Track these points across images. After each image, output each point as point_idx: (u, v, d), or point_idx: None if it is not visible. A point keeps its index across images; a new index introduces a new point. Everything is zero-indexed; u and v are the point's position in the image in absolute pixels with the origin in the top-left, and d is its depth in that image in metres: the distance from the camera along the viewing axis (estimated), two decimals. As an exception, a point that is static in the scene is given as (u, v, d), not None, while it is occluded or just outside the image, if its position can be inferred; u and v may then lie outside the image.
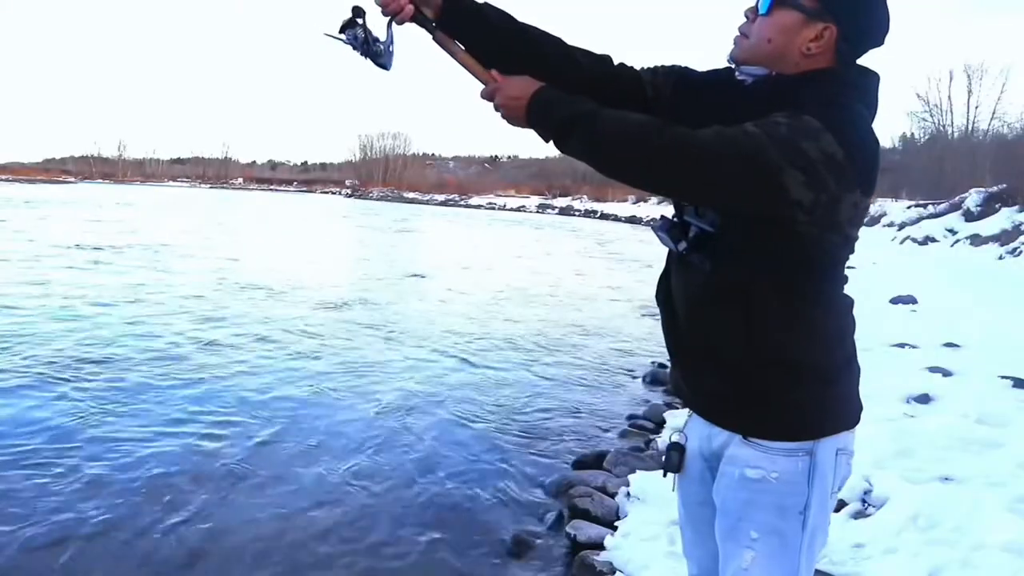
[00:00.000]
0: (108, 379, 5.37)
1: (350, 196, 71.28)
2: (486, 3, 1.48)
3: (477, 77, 1.45)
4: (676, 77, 1.49)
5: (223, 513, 3.44)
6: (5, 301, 7.97)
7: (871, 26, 1.33)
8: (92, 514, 3.35)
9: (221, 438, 4.35)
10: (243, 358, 6.19)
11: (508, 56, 1.46)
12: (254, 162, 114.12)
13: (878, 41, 1.34)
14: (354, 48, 1.42)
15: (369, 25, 1.43)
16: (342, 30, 1.42)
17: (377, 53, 1.44)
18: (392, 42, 1.45)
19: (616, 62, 1.53)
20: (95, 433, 4.31)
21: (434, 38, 1.45)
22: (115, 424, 4.47)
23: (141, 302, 8.49)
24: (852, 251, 1.35)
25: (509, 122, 1.41)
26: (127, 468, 3.85)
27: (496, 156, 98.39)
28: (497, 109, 1.42)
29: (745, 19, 1.37)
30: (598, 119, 1.30)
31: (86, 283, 9.55)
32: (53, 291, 8.80)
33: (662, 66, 1.53)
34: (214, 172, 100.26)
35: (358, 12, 1.41)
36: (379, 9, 1.43)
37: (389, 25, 1.44)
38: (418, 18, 1.43)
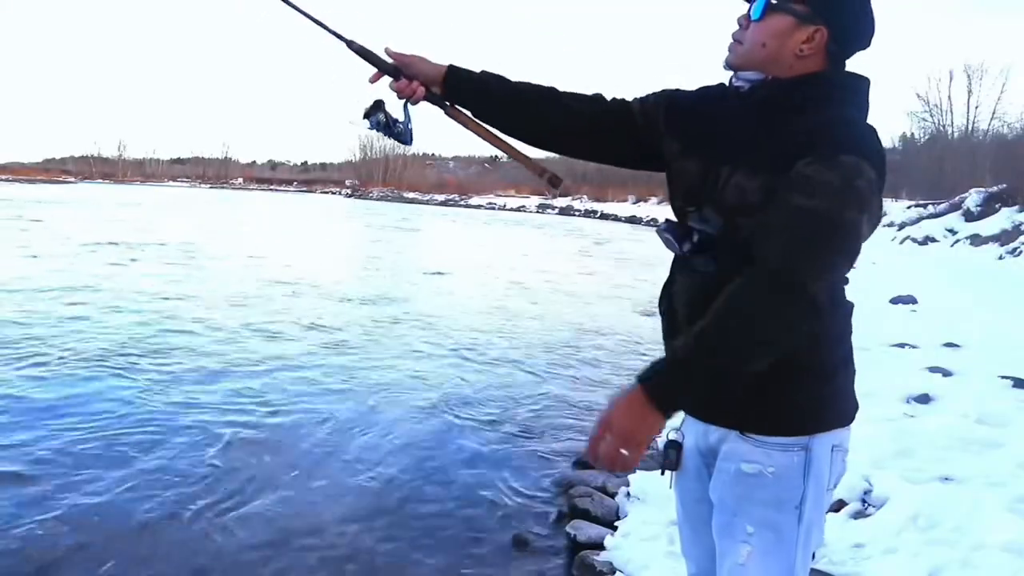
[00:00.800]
0: (146, 372, 5.60)
1: (350, 196, 71.19)
2: (483, 72, 1.59)
3: (487, 141, 1.60)
4: (666, 101, 1.54)
5: (221, 509, 3.45)
6: (56, 298, 8.41)
7: (859, 28, 1.37)
8: (126, 501, 3.44)
9: (219, 438, 4.35)
10: (257, 357, 6.23)
11: (509, 118, 1.60)
12: (254, 162, 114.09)
13: (865, 43, 1.39)
14: (378, 131, 1.59)
15: (388, 108, 1.59)
16: (366, 116, 1.59)
17: (399, 133, 1.60)
18: (410, 120, 1.60)
19: (609, 97, 1.59)
20: (135, 424, 4.50)
21: (446, 112, 1.59)
22: (145, 417, 4.60)
23: (177, 298, 8.91)
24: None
25: (631, 451, 1.26)
26: (150, 460, 3.90)
27: (496, 156, 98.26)
28: (608, 450, 1.27)
29: (738, 26, 1.41)
30: (711, 336, 1.24)
31: (123, 280, 10.09)
32: (96, 287, 9.33)
33: (652, 93, 1.58)
34: (214, 172, 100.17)
35: (378, 104, 1.59)
36: (395, 94, 1.58)
37: (405, 107, 1.59)
38: (429, 97, 1.57)
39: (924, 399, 4.66)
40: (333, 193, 78.33)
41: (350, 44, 1.56)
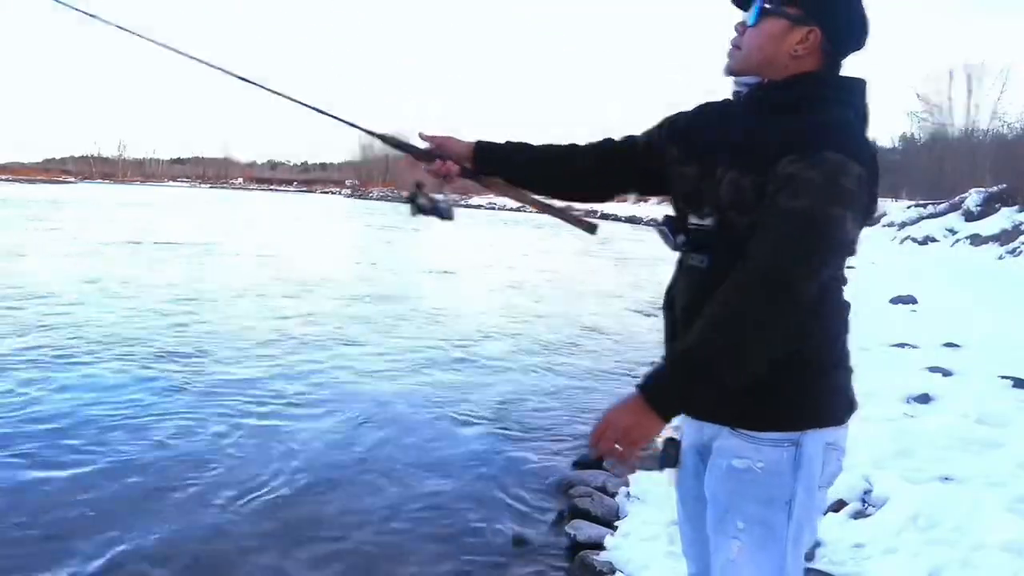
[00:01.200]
0: (168, 374, 5.67)
1: (350, 196, 71.21)
2: (507, 142, 1.71)
3: (523, 202, 1.73)
4: (668, 121, 1.61)
5: (219, 507, 3.46)
6: (78, 297, 8.66)
7: (851, 27, 1.41)
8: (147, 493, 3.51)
9: (225, 434, 4.37)
10: (268, 362, 6.26)
11: (533, 181, 1.71)
12: (254, 162, 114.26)
13: (859, 44, 1.43)
14: (423, 214, 1.69)
15: (425, 190, 1.69)
16: (408, 202, 1.70)
17: (443, 211, 1.70)
18: (449, 198, 1.71)
19: (619, 137, 1.69)
20: (157, 425, 4.55)
21: (481, 183, 1.71)
22: (167, 419, 4.64)
23: (193, 299, 9.08)
24: (853, 253, 1.37)
25: (638, 441, 1.32)
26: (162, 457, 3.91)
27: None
28: (615, 446, 1.34)
29: (736, 33, 1.45)
30: (704, 339, 1.27)
31: (138, 281, 10.28)
32: (111, 287, 9.61)
33: (656, 123, 1.65)
34: (214, 172, 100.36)
35: (419, 185, 1.69)
36: (431, 175, 1.69)
37: (443, 186, 1.69)
38: (464, 172, 1.68)
39: (924, 399, 4.65)
40: (333, 193, 78.35)
41: (383, 137, 1.69)
